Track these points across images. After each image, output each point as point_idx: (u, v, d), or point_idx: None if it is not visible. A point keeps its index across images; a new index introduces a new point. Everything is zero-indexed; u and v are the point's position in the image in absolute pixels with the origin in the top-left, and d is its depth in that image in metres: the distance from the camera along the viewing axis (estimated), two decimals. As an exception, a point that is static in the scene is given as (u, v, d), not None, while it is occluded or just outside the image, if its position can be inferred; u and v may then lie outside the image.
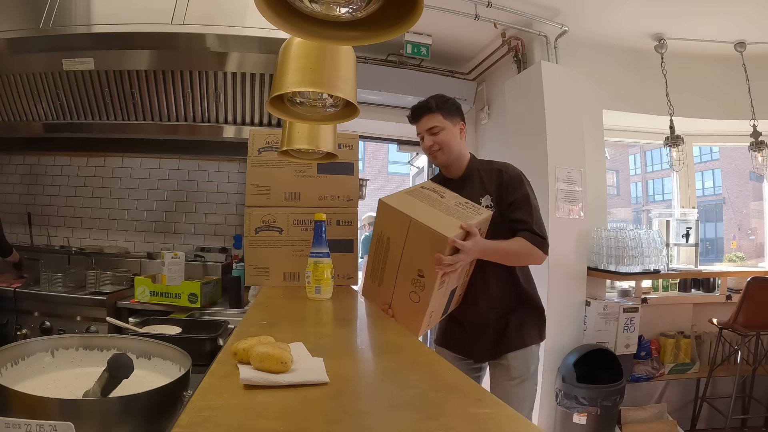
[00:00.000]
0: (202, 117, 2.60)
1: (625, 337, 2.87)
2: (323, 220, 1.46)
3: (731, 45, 3.15)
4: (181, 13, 2.19)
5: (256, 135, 1.76)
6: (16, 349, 0.83)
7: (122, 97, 2.51)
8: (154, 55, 2.33)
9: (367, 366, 0.80)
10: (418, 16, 0.55)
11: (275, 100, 0.96)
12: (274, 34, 2.10)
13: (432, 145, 1.71)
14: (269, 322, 1.10)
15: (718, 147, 5.38)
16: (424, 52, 3.23)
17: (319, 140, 1.23)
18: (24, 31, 2.24)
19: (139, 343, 0.92)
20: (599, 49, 3.22)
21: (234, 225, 2.98)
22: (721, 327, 3.05)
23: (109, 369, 0.72)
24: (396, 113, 3.58)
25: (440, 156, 1.72)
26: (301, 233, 1.70)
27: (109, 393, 0.72)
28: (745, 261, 3.92)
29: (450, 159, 1.73)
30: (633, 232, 2.90)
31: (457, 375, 0.74)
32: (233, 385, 0.65)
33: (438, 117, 1.70)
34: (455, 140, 1.71)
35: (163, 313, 2.31)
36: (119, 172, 3.04)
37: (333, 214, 1.71)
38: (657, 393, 3.23)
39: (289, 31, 0.63)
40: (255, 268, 1.68)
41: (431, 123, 1.70)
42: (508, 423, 0.56)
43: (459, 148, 1.72)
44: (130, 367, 0.73)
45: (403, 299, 1.42)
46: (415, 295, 1.39)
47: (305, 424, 0.55)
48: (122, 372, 0.73)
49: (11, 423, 0.59)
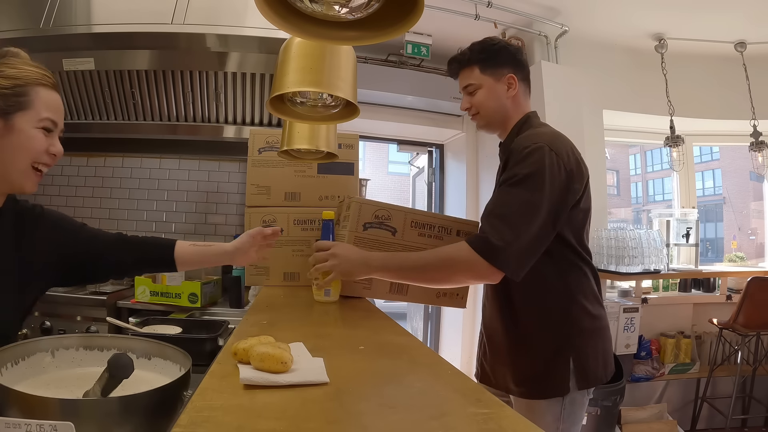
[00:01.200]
0: (203, 117, 2.60)
1: (625, 337, 2.87)
2: (332, 218, 1.40)
3: (731, 45, 3.15)
4: (182, 13, 2.19)
5: (256, 135, 1.76)
6: (17, 349, 0.83)
7: (122, 97, 2.51)
8: (154, 55, 2.33)
9: (368, 366, 0.80)
10: (419, 17, 0.55)
11: (275, 100, 0.96)
12: (275, 34, 2.10)
13: (468, 108, 1.39)
14: (269, 322, 1.10)
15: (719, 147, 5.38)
16: (424, 52, 3.23)
17: (320, 140, 1.23)
18: (24, 31, 2.24)
19: (139, 343, 0.92)
20: (599, 49, 3.22)
21: (234, 225, 2.97)
22: (722, 327, 3.05)
23: (109, 369, 0.72)
24: (396, 113, 3.58)
25: (478, 120, 1.39)
26: (302, 233, 1.70)
27: (109, 393, 0.72)
28: (745, 261, 3.92)
29: (491, 123, 1.38)
30: (633, 232, 2.90)
31: (458, 375, 0.74)
32: (233, 385, 0.65)
33: (474, 72, 1.35)
34: (496, 99, 1.33)
35: (164, 313, 2.30)
36: (119, 172, 3.03)
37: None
38: (657, 393, 3.23)
39: (290, 31, 0.63)
40: (255, 268, 1.68)
41: (465, 80, 1.38)
42: (508, 423, 0.56)
43: (503, 108, 1.34)
44: (130, 367, 0.73)
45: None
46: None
47: (305, 424, 0.55)
48: (122, 372, 0.73)
49: (11, 423, 0.59)
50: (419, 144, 4.30)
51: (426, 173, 4.39)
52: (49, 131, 0.95)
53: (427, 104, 3.54)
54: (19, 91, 0.92)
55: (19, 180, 0.95)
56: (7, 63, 0.94)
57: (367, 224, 1.36)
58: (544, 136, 1.22)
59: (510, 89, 1.33)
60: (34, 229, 1.05)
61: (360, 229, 1.36)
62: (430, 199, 4.31)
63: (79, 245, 1.10)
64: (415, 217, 1.41)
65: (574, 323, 1.25)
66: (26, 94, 0.92)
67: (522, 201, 1.14)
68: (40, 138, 0.93)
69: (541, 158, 1.16)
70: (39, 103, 0.93)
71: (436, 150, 4.29)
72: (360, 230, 1.36)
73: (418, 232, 1.40)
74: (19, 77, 0.92)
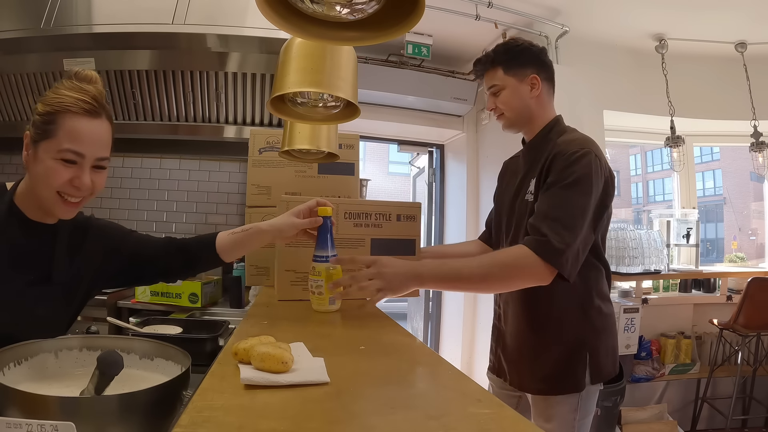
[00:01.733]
0: (203, 117, 2.60)
1: (625, 338, 2.87)
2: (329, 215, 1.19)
3: (732, 45, 3.15)
4: (182, 13, 2.20)
5: (256, 135, 1.76)
6: (19, 350, 0.83)
7: (123, 96, 2.51)
8: (154, 55, 2.33)
9: (368, 366, 0.80)
10: (419, 17, 0.55)
11: (276, 100, 0.96)
12: (275, 35, 2.11)
13: (493, 108, 1.39)
14: (269, 322, 1.10)
15: (719, 147, 5.38)
16: (424, 52, 3.23)
17: (320, 140, 1.23)
18: (25, 31, 2.25)
19: (141, 343, 0.92)
20: (600, 50, 3.22)
21: (235, 225, 2.97)
22: (722, 327, 3.05)
23: (99, 367, 0.72)
24: (396, 113, 3.58)
25: (503, 121, 1.40)
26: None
27: (102, 391, 0.72)
28: (745, 261, 3.92)
29: (516, 123, 1.39)
30: (633, 232, 2.90)
31: (458, 375, 0.74)
32: (234, 385, 0.65)
33: (498, 72, 1.35)
34: (520, 99, 1.35)
35: (164, 313, 2.31)
36: (120, 172, 3.04)
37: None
38: (657, 393, 3.23)
39: (291, 31, 0.63)
40: (256, 268, 1.68)
41: (490, 81, 1.38)
42: (509, 423, 0.56)
43: (527, 108, 1.36)
44: (120, 364, 0.73)
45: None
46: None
47: (306, 424, 0.55)
48: (112, 369, 0.72)
49: (12, 423, 0.59)
50: (419, 144, 4.30)
51: (426, 173, 4.39)
52: (72, 162, 0.90)
53: (428, 104, 3.54)
54: (48, 119, 0.89)
55: (50, 207, 0.94)
56: (58, 87, 0.92)
57: None
58: (588, 142, 1.25)
59: (533, 89, 1.35)
60: (84, 240, 1.05)
61: None
62: (431, 199, 4.31)
63: (125, 250, 1.10)
64: (347, 207, 1.34)
65: (590, 321, 1.29)
66: (53, 122, 0.89)
67: (575, 204, 1.16)
68: (58, 170, 0.89)
69: (588, 163, 1.19)
70: (62, 133, 0.89)
71: (436, 150, 4.29)
72: None
73: (354, 222, 1.34)
74: (53, 104, 0.89)
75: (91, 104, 0.91)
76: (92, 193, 0.95)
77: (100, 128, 0.93)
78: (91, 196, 0.96)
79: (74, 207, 0.95)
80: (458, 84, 3.56)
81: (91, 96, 0.92)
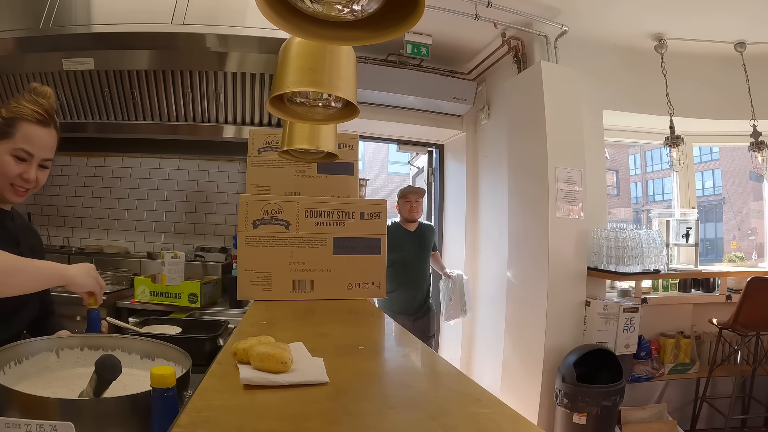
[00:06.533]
0: (202, 117, 2.60)
1: (625, 337, 2.87)
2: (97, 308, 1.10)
3: (731, 45, 3.15)
4: (181, 13, 2.19)
5: (256, 135, 1.75)
6: (20, 348, 0.83)
7: (122, 97, 2.51)
8: (154, 55, 2.33)
9: (368, 366, 0.80)
10: (419, 17, 0.55)
11: (275, 100, 0.96)
12: (274, 34, 2.11)
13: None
14: (269, 322, 1.10)
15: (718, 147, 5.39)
16: (424, 52, 3.23)
17: (320, 140, 1.22)
18: (24, 30, 2.24)
19: (142, 343, 0.92)
20: (599, 49, 3.22)
21: (234, 225, 2.97)
22: (721, 327, 3.05)
23: (97, 371, 0.72)
24: (396, 113, 3.58)
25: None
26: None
27: (101, 394, 0.72)
28: (744, 261, 3.92)
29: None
30: (633, 232, 2.90)
31: (458, 375, 0.74)
32: (233, 385, 0.65)
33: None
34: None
35: (163, 313, 2.31)
36: (119, 172, 3.04)
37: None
38: (657, 393, 3.23)
39: (290, 31, 0.63)
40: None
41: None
42: (508, 423, 0.56)
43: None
44: (118, 368, 0.73)
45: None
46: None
47: (305, 424, 0.55)
48: (110, 374, 0.72)
49: (11, 423, 0.59)
50: (419, 144, 4.30)
51: (426, 173, 4.40)
52: (23, 159, 1.09)
53: (427, 104, 3.54)
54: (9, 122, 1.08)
55: (3, 193, 1.12)
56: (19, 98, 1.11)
57: (257, 221, 1.28)
58: None
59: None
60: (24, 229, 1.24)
61: (250, 228, 1.28)
62: (430, 199, 4.31)
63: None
64: (309, 205, 1.32)
65: None
66: (12, 126, 1.08)
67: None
68: (11, 164, 1.08)
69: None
70: (19, 135, 1.08)
71: (435, 150, 4.29)
72: (250, 229, 1.28)
73: (315, 221, 1.32)
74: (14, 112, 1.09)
75: (43, 115, 1.11)
76: (36, 186, 1.14)
77: (49, 136, 1.14)
78: (35, 188, 1.15)
79: (22, 195, 1.15)
80: (458, 84, 3.56)
81: (44, 109, 1.12)
